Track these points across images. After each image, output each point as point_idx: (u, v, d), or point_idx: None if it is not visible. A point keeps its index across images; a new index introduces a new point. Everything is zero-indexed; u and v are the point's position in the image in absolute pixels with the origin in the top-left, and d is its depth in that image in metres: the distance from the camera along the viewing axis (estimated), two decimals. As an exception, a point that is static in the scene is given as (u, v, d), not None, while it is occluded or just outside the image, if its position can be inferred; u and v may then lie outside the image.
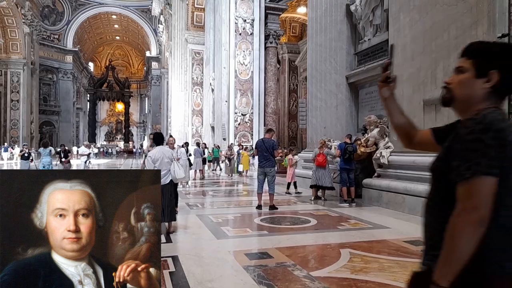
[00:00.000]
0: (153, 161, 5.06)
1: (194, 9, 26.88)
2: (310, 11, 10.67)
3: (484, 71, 1.13)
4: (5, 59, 32.62)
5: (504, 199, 1.06)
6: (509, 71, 1.12)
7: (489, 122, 1.05)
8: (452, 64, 5.79)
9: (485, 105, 1.13)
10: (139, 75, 62.87)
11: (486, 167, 1.01)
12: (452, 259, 1.03)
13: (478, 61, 1.15)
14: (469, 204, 1.02)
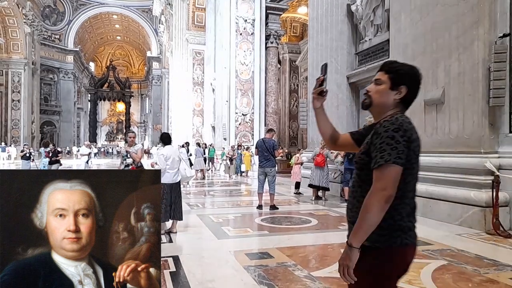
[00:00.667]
0: (165, 159, 5.17)
1: (195, 9, 26.89)
2: (310, 11, 10.66)
3: (396, 85, 1.46)
4: (6, 59, 32.65)
5: (410, 184, 1.40)
6: (414, 88, 1.47)
7: (400, 124, 1.36)
8: (453, 64, 5.78)
9: (394, 111, 1.46)
10: (140, 75, 62.91)
11: (395, 158, 1.31)
12: (363, 227, 1.32)
13: (393, 77, 1.47)
14: (379, 185, 1.31)
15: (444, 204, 5.64)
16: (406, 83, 1.45)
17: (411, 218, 1.43)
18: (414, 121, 5.13)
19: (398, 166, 1.31)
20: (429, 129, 6.17)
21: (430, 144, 6.15)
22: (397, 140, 1.33)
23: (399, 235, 1.38)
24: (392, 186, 1.31)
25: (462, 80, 5.58)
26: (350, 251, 1.35)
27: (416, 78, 1.48)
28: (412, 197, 1.44)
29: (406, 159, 1.34)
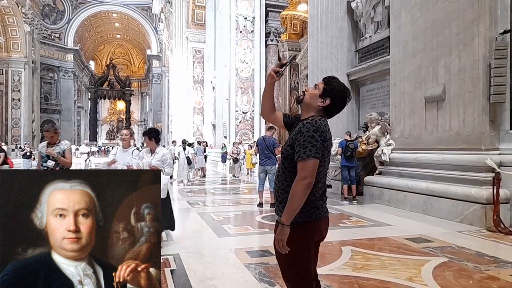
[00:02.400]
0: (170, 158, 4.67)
1: (194, 7, 26.83)
2: (310, 8, 10.62)
3: (324, 95, 1.84)
4: (6, 58, 32.63)
5: (322, 173, 1.79)
6: (337, 103, 1.85)
7: (318, 126, 1.74)
8: (453, 61, 5.76)
9: (316, 114, 1.84)
10: (140, 74, 62.85)
11: (314, 153, 1.69)
12: (292, 208, 1.71)
13: (325, 88, 1.86)
14: (303, 174, 1.70)
15: (445, 201, 5.64)
16: (331, 97, 1.83)
17: (323, 197, 1.86)
18: (415, 118, 5.14)
19: (316, 160, 1.70)
20: (430, 126, 6.16)
21: (430, 141, 6.15)
22: (316, 139, 1.71)
23: (314, 212, 1.79)
24: (311, 175, 1.70)
25: (463, 77, 5.57)
26: (282, 228, 1.73)
27: (341, 96, 1.85)
28: (324, 182, 1.85)
29: (321, 154, 1.72)
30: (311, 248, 1.83)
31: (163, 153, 4.37)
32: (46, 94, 43.29)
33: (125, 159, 4.90)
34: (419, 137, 6.40)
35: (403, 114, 6.82)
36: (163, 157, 4.34)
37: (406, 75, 6.73)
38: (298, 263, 1.82)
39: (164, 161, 4.33)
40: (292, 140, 1.79)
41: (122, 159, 4.95)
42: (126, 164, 4.78)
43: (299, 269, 1.83)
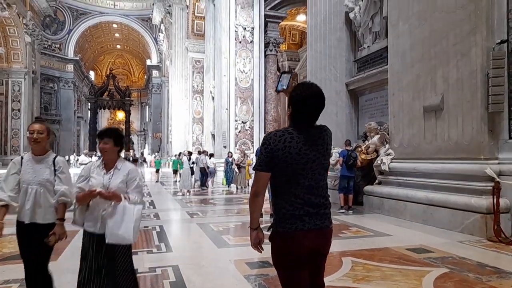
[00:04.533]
0: (83, 178, 2.62)
1: (194, 17, 27.07)
2: (309, 18, 10.73)
3: (289, 105, 1.86)
4: (7, 69, 32.76)
5: (290, 182, 1.79)
6: (296, 108, 1.81)
7: (267, 138, 1.81)
8: (451, 71, 5.80)
9: (290, 125, 1.85)
10: (140, 84, 63.11)
11: (257, 165, 1.81)
12: (250, 214, 1.88)
13: (288, 97, 1.88)
14: (252, 184, 1.86)
15: (445, 211, 5.62)
16: (291, 104, 1.84)
17: (300, 210, 1.77)
18: (414, 127, 5.14)
19: (259, 172, 1.81)
20: (429, 136, 6.17)
21: (429, 151, 6.16)
22: (261, 152, 1.80)
23: (294, 222, 1.77)
24: (256, 184, 1.83)
25: (461, 87, 5.60)
26: (250, 231, 1.90)
27: (295, 100, 1.81)
28: (301, 193, 1.78)
29: (270, 165, 1.78)
30: (294, 259, 1.76)
31: (129, 170, 2.61)
32: (46, 105, 43.37)
33: (36, 175, 2.62)
34: (418, 146, 6.40)
35: (402, 124, 6.84)
36: (128, 176, 2.59)
37: (405, 85, 6.76)
38: (281, 273, 1.82)
39: (130, 183, 2.59)
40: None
41: (31, 174, 2.61)
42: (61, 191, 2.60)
43: (284, 279, 1.81)
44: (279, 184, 1.81)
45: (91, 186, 2.50)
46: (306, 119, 1.81)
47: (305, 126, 1.81)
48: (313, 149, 1.79)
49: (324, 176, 1.87)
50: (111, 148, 2.57)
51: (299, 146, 1.76)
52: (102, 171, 2.59)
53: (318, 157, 1.80)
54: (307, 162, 1.76)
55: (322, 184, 1.84)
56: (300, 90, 1.82)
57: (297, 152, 1.75)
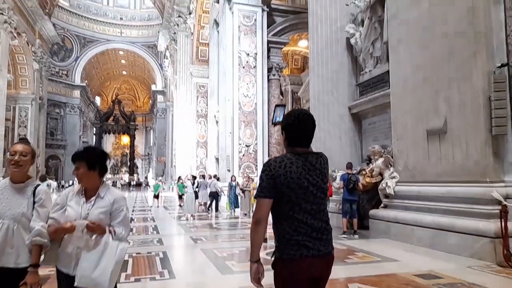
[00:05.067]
0: (57, 211, 2.18)
1: (198, 44, 27.66)
2: (311, 44, 10.93)
3: (282, 131, 1.94)
4: (14, 95, 33.35)
5: (293, 207, 1.79)
6: (287, 130, 1.89)
7: (268, 165, 1.83)
8: (453, 94, 5.84)
9: (287, 151, 1.89)
10: (145, 108, 63.87)
11: (259, 192, 1.80)
12: (251, 244, 1.84)
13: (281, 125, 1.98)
14: (254, 212, 1.84)
15: (453, 235, 5.52)
16: (284, 128, 1.92)
17: (304, 236, 1.78)
18: (418, 151, 5.13)
19: (262, 198, 1.79)
20: (433, 159, 6.15)
21: (435, 174, 6.12)
22: (262, 179, 1.82)
23: (297, 249, 1.76)
24: (258, 212, 1.80)
25: (464, 110, 5.62)
26: (250, 264, 1.85)
27: (287, 126, 1.90)
28: (304, 218, 1.80)
29: (273, 191, 1.79)
30: (298, 286, 1.76)
31: (115, 199, 2.17)
32: (52, 130, 43.86)
33: (10, 208, 2.13)
34: (423, 169, 6.37)
35: (406, 147, 6.84)
36: (114, 205, 2.16)
37: (407, 108, 6.80)
38: None
39: (115, 215, 2.15)
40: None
41: (4, 205, 2.13)
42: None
43: None
44: (281, 209, 1.81)
45: (66, 218, 2.08)
46: (299, 142, 1.89)
47: (301, 151, 1.88)
48: (313, 174, 1.83)
49: (324, 200, 1.89)
50: (86, 173, 2.12)
51: (299, 170, 1.80)
52: (81, 199, 2.15)
53: (318, 181, 1.84)
54: (308, 186, 1.80)
55: (323, 208, 1.86)
56: (291, 116, 1.91)
57: (298, 176, 1.79)
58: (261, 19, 18.08)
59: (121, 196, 2.26)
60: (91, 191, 2.18)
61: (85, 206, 2.13)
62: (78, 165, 2.14)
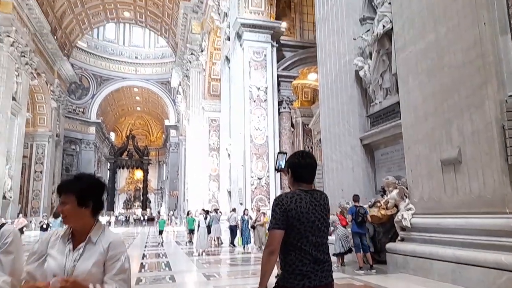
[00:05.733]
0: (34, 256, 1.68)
1: (210, 79, 28.37)
2: (320, 77, 11.11)
3: (288, 171, 2.19)
4: (32, 133, 34.29)
5: (301, 240, 1.97)
6: (292, 169, 2.14)
7: (280, 199, 2.03)
8: (466, 123, 5.79)
9: (294, 188, 2.12)
10: (158, 143, 64.77)
11: (273, 224, 1.98)
12: (261, 272, 1.97)
13: (286, 166, 2.21)
14: (268, 243, 1.99)
15: (474, 269, 5.29)
16: (289, 168, 2.17)
17: (308, 266, 1.95)
18: (433, 181, 5.03)
19: (276, 230, 1.96)
20: (449, 190, 6.01)
21: (452, 205, 5.96)
22: (276, 211, 2.00)
23: (301, 279, 1.92)
24: (272, 243, 1.96)
25: (477, 139, 5.55)
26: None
27: (293, 166, 2.14)
28: (309, 249, 1.98)
29: (285, 223, 1.97)
30: None
31: (110, 244, 1.68)
32: (68, 166, 44.60)
33: None
34: (439, 201, 6.22)
35: (421, 177, 6.72)
36: (109, 253, 1.66)
37: (420, 138, 6.75)
38: None
39: (110, 266, 1.65)
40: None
41: None
42: None
43: None
44: (290, 241, 1.99)
45: (45, 272, 1.58)
46: (305, 179, 2.14)
47: (307, 187, 2.12)
48: (318, 209, 2.06)
49: (327, 234, 2.11)
50: (74, 210, 1.62)
51: (308, 205, 2.02)
52: (66, 246, 1.64)
53: (322, 216, 2.07)
54: (314, 220, 2.01)
55: (325, 241, 2.08)
56: (295, 157, 2.19)
57: (307, 211, 2.01)
58: (271, 55, 18.54)
59: (118, 241, 1.73)
60: (80, 235, 1.66)
61: (71, 256, 1.61)
62: (65, 199, 1.65)
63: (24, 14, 27.48)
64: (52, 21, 33.53)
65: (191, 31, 30.12)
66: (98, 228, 1.72)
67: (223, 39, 22.62)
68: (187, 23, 30.49)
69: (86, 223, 1.70)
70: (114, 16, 41.78)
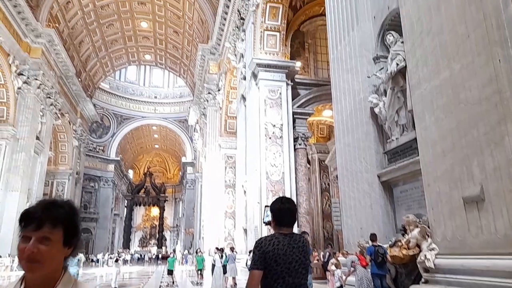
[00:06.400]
0: None
1: (227, 117, 28.92)
2: (335, 114, 11.17)
3: (272, 216, 2.44)
4: (53, 171, 35.16)
5: (277, 280, 2.13)
6: (273, 215, 2.37)
7: (259, 242, 2.22)
8: (487, 159, 5.66)
9: (275, 231, 2.32)
10: (175, 180, 65.22)
11: (252, 265, 2.17)
12: None
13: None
14: (247, 283, 2.17)
15: (506, 316, 4.96)
16: (271, 213, 2.36)
17: None
18: (455, 220, 4.89)
19: (254, 270, 2.16)
20: (473, 229, 5.78)
21: (476, 245, 5.70)
22: (255, 253, 2.19)
23: None
24: (251, 283, 2.14)
25: (500, 176, 5.39)
26: None
27: (273, 211, 2.36)
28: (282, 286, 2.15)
29: (263, 264, 2.15)
30: None
31: None
32: (86, 203, 45.13)
33: None
34: (463, 240, 5.96)
35: (443, 216, 6.50)
36: None
37: (439, 175, 6.60)
38: None
39: None
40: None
41: None
42: None
43: None
44: (268, 281, 2.16)
45: None
46: (285, 223, 2.32)
47: (287, 231, 2.29)
48: (296, 251, 2.21)
49: (305, 276, 2.24)
50: (58, 252, 1.17)
51: (285, 248, 2.19)
52: None
53: (300, 258, 2.21)
54: (292, 262, 2.17)
55: (303, 282, 2.22)
56: (277, 203, 2.39)
57: (284, 253, 2.18)
58: (286, 93, 18.89)
59: None
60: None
61: None
62: (47, 234, 1.14)
63: (51, 58, 29.09)
64: (77, 64, 35.33)
65: (208, 71, 31.17)
66: (67, 282, 1.19)
67: (239, 79, 23.27)
68: (204, 64, 31.61)
69: (53, 274, 1.16)
70: (135, 59, 43.78)
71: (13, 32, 24.34)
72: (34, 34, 26.46)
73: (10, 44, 24.10)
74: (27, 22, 25.39)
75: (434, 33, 6.88)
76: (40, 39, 26.88)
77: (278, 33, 19.45)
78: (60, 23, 30.74)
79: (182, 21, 35.53)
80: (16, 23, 24.42)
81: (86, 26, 34.46)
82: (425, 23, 7.13)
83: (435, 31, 6.85)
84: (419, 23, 7.33)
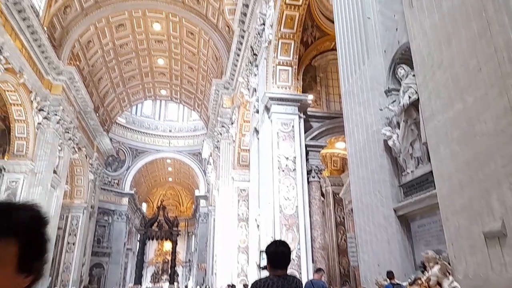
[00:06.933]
0: None
1: (240, 150, 29.08)
2: (348, 147, 11.12)
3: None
4: (69, 204, 35.41)
5: None
6: (268, 260, 2.47)
7: (254, 284, 2.38)
8: (506, 193, 5.48)
9: (270, 273, 2.44)
10: (188, 213, 64.87)
11: None
12: None
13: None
14: None
15: None
16: (266, 256, 2.51)
17: None
18: (477, 256, 4.74)
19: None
20: (497, 266, 5.52)
21: (501, 283, 5.42)
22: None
23: None
24: None
25: (521, 210, 5.21)
26: None
27: (268, 253, 2.49)
28: None
29: None
30: None
31: None
32: (99, 237, 44.97)
33: None
34: (487, 278, 5.68)
35: (463, 252, 6.24)
36: None
37: (458, 209, 6.41)
38: None
39: None
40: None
41: None
42: None
43: None
44: None
45: None
46: (279, 266, 2.47)
47: (281, 273, 2.42)
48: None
49: None
50: (8, 281, 0.82)
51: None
52: None
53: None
54: None
55: None
56: (271, 246, 2.58)
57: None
58: (298, 126, 19.00)
59: None
60: None
61: None
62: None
63: (71, 94, 30.17)
64: (96, 100, 36.51)
65: (222, 105, 31.75)
66: None
67: (252, 112, 23.59)
68: (218, 98, 32.27)
69: None
70: (151, 94, 45.07)
71: (36, 70, 25.49)
72: (56, 72, 27.63)
73: (33, 81, 25.16)
74: (49, 61, 26.59)
75: (445, 66, 6.92)
76: (61, 76, 28.02)
77: (290, 67, 19.85)
78: (81, 61, 32.12)
79: (197, 58, 36.72)
80: (39, 62, 25.61)
81: (106, 64, 35.90)
82: (436, 56, 7.19)
83: (446, 64, 6.89)
84: (430, 57, 7.39)
